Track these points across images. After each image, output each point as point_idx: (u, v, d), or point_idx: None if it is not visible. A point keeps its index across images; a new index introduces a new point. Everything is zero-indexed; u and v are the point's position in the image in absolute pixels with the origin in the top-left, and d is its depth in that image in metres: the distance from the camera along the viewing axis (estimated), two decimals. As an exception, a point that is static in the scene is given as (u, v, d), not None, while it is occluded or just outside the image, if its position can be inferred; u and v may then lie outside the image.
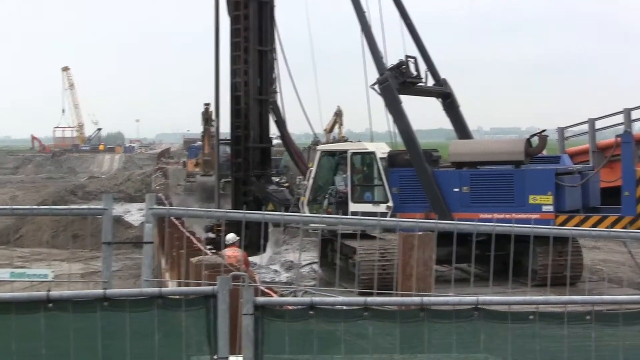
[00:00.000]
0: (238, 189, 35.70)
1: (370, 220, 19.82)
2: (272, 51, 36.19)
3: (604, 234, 21.87)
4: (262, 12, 35.71)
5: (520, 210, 28.40)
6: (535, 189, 28.90)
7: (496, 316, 6.43)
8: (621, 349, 6.44)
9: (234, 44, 35.40)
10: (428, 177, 29.88)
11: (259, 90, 35.62)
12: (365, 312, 6.52)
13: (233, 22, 35.38)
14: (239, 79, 35.31)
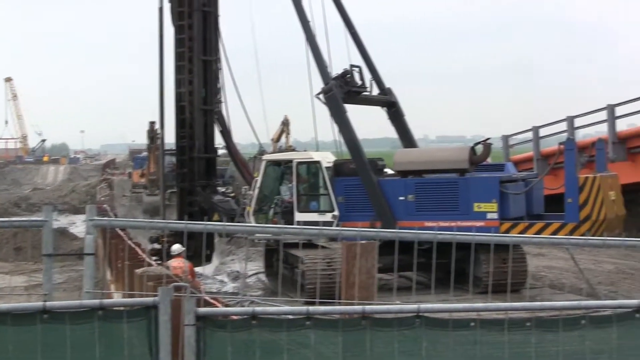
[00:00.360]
0: (183, 200, 35.51)
1: (312, 229, 19.88)
2: (216, 61, 36.07)
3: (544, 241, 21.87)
4: (207, 22, 35.58)
5: (465, 218, 28.53)
6: (479, 196, 29.02)
7: (438, 323, 6.45)
8: (561, 354, 6.47)
9: (178, 54, 35.26)
10: (373, 186, 29.94)
11: (204, 100, 35.39)
12: (307, 322, 6.51)
13: (177, 32, 35.22)
14: (184, 89, 35.13)
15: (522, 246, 27.76)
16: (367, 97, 33.42)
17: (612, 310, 6.57)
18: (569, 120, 46.91)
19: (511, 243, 12.17)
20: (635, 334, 6.48)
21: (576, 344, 6.49)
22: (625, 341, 6.52)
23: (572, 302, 6.74)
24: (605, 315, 6.55)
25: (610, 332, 6.50)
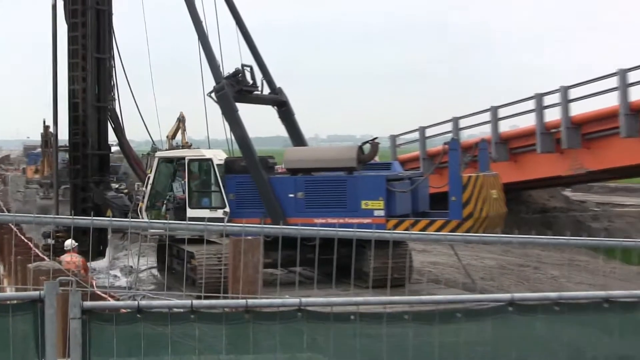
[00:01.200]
0: (76, 196, 35.20)
1: (198, 225, 19.99)
2: (110, 59, 35.80)
3: (422, 237, 22.09)
4: (100, 20, 35.35)
5: (353, 215, 28.66)
6: (367, 194, 29.21)
7: (319, 317, 6.49)
8: (437, 347, 6.56)
9: (72, 51, 34.91)
10: (264, 183, 29.96)
11: (97, 98, 35.13)
12: (192, 315, 6.52)
13: (71, 29, 34.89)
14: (77, 86, 34.81)
15: (407, 242, 27.97)
16: (258, 96, 33.46)
17: (487, 304, 6.66)
18: (454, 121, 47.46)
19: (391, 239, 12.25)
20: (509, 326, 6.61)
21: (452, 336, 6.58)
22: (499, 333, 6.63)
23: (449, 296, 6.82)
24: (481, 308, 6.65)
25: (484, 324, 6.61)
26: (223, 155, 31.87)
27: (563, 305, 6.66)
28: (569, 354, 6.72)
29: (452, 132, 46.46)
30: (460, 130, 47.68)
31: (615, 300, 6.72)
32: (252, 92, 32.92)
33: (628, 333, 6.84)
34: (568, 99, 40.44)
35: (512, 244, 10.23)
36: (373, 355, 6.58)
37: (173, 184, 32.21)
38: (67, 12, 35.01)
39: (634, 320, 6.76)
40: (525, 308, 6.64)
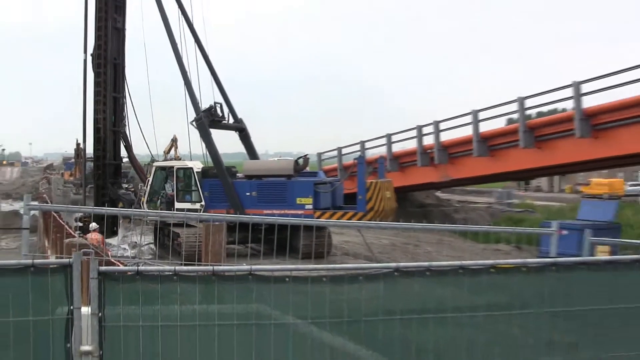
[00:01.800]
0: (98, 193, 35.47)
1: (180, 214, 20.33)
2: (123, 97, 36.00)
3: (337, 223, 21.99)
4: (117, 70, 35.65)
5: (291, 208, 28.91)
6: (300, 193, 29.54)
7: (264, 279, 6.47)
8: (345, 300, 6.55)
9: (96, 92, 35.17)
10: (229, 185, 30.27)
11: (113, 124, 35.55)
12: (175, 277, 6.46)
13: (96, 76, 35.17)
14: (99, 116, 35.21)
15: (327, 227, 28.06)
16: (226, 124, 33.73)
17: (381, 270, 6.66)
18: (361, 143, 47.71)
19: (314, 224, 12.30)
20: (395, 287, 6.62)
21: (356, 293, 6.57)
22: (388, 292, 6.64)
23: (354, 265, 6.83)
24: (376, 273, 6.65)
25: (378, 285, 6.60)
26: (200, 165, 32.20)
27: (432, 271, 6.68)
28: (435, 305, 6.75)
29: (360, 151, 46.66)
30: (365, 149, 47.92)
31: (466, 267, 6.75)
32: (221, 122, 33.29)
33: (475, 290, 6.88)
34: (439, 129, 40.83)
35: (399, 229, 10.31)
36: (301, 306, 6.57)
37: (165, 185, 32.30)
38: (94, 65, 35.17)
39: (479, 282, 6.81)
40: (407, 273, 6.64)
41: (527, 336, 7.07)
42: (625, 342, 7.40)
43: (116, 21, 35.57)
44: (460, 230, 13.01)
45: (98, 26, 35.35)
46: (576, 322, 7.25)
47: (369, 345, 6.70)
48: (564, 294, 7.11)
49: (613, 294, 7.25)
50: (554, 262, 7.09)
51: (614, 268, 7.28)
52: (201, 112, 31.70)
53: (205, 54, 34.08)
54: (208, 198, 30.58)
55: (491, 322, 6.93)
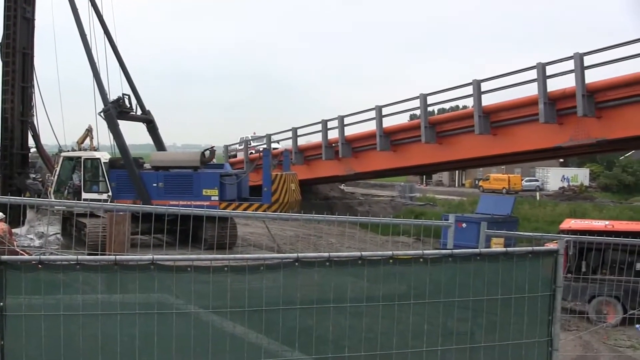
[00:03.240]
0: (5, 182, 34.75)
1: (83, 204, 20.05)
2: (31, 86, 35.23)
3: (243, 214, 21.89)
4: (25, 60, 34.89)
5: (197, 199, 28.81)
6: (207, 185, 29.50)
7: (166, 268, 6.41)
8: (247, 289, 6.55)
9: (4, 81, 34.36)
10: (136, 176, 29.99)
11: (21, 114, 34.72)
12: (77, 266, 6.35)
13: (4, 65, 34.55)
14: (7, 105, 34.48)
15: (234, 218, 28.04)
16: (133, 116, 33.41)
17: (281, 261, 6.65)
18: (267, 137, 47.73)
19: (218, 215, 12.24)
20: (295, 277, 6.62)
21: (258, 282, 6.57)
22: (289, 282, 6.64)
23: (256, 255, 6.81)
24: (277, 263, 6.65)
25: (279, 274, 6.61)
26: (108, 156, 31.80)
27: (332, 262, 6.70)
28: (334, 295, 6.77)
29: (266, 144, 46.65)
30: (272, 142, 47.95)
31: (365, 258, 6.80)
32: (129, 113, 32.91)
33: (374, 280, 6.94)
34: (344, 124, 41.06)
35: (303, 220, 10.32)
36: (203, 295, 6.54)
37: (73, 175, 31.75)
38: (3, 54, 34.49)
39: (377, 272, 6.87)
40: (307, 264, 6.66)
41: (424, 325, 7.17)
42: (518, 330, 7.57)
43: (25, 11, 34.83)
44: (362, 222, 13.18)
45: (7, 15, 34.62)
46: (471, 310, 7.39)
47: (269, 334, 6.71)
48: (460, 284, 7.23)
49: (506, 284, 7.40)
50: (450, 253, 7.20)
51: (508, 259, 7.43)
52: (109, 104, 31.30)
53: (115, 45, 33.65)
54: (115, 189, 30.24)
55: (389, 312, 6.99)
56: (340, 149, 41.02)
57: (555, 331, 7.71)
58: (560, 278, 7.70)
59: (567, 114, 29.71)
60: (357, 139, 41.35)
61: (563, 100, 29.65)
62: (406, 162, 39.08)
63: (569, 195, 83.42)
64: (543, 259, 7.63)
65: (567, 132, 30.26)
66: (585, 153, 54.22)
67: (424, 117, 35.68)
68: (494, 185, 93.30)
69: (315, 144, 44.65)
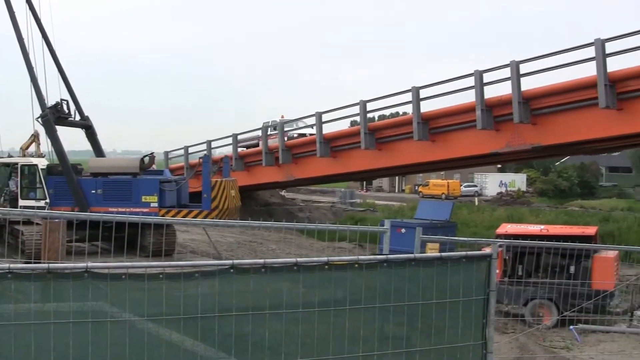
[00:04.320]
0: None
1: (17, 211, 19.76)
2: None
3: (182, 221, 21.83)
4: None
5: (136, 206, 28.57)
6: (146, 191, 29.21)
7: (100, 276, 6.34)
8: (182, 296, 6.51)
9: None
10: (74, 183, 29.56)
11: None
12: (9, 275, 6.24)
13: None
14: None
15: (173, 225, 27.84)
16: (72, 122, 32.91)
17: (217, 267, 6.63)
18: (208, 143, 47.48)
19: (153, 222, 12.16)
20: (231, 282, 6.61)
21: (193, 289, 6.53)
22: (224, 289, 6.63)
23: (191, 262, 6.78)
24: (212, 270, 6.63)
25: (214, 281, 6.59)
26: (45, 162, 31.35)
27: (268, 268, 6.70)
28: (271, 301, 6.78)
29: (206, 150, 46.48)
30: (212, 149, 47.78)
31: (301, 264, 6.81)
32: (67, 119, 32.40)
33: (310, 286, 6.96)
34: (284, 130, 41.09)
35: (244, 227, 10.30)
36: (139, 303, 6.48)
37: (9, 182, 31.15)
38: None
39: (312, 277, 6.90)
40: (243, 270, 6.65)
41: (360, 330, 7.20)
42: (453, 333, 7.65)
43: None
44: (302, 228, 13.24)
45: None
46: (406, 315, 7.44)
47: (205, 341, 6.68)
48: (396, 289, 7.28)
49: (441, 289, 7.48)
50: (386, 259, 7.25)
51: (442, 264, 7.51)
52: (47, 109, 30.86)
53: (52, 49, 33.14)
54: (53, 195, 29.75)
55: (326, 317, 7.00)
56: (281, 155, 41.02)
57: (489, 334, 7.80)
58: (494, 282, 7.80)
59: (504, 120, 30.08)
60: (297, 145, 41.42)
61: (500, 107, 30.00)
62: (346, 168, 39.21)
63: (507, 201, 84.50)
64: (477, 264, 7.73)
65: (504, 138, 30.65)
66: (521, 159, 54.95)
67: (364, 124, 35.84)
68: (434, 190, 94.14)
69: (256, 150, 44.61)
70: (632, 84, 25.76)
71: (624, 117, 26.38)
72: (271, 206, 52.46)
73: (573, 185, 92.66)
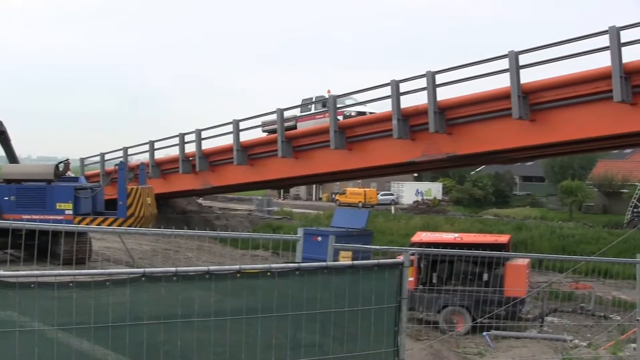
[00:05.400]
0: None
1: None
2: None
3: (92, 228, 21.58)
4: None
5: (51, 213, 28.06)
6: (60, 198, 28.68)
7: (9, 285, 6.24)
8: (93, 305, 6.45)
9: None
10: (-15, 190, 28.90)
11: None
12: None
13: None
14: None
15: (87, 233, 27.44)
16: (-16, 127, 32.15)
17: (128, 276, 6.60)
18: (124, 150, 46.97)
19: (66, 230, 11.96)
20: (142, 291, 6.59)
21: (104, 298, 6.49)
22: (136, 297, 6.60)
23: (101, 270, 6.70)
24: (123, 278, 6.59)
25: (125, 289, 6.55)
26: (-44, 169, 30.59)
27: (179, 276, 6.68)
28: (182, 310, 6.77)
29: (123, 157, 45.96)
30: (129, 156, 47.27)
31: (213, 272, 6.81)
32: (-23, 124, 31.66)
33: (222, 293, 6.98)
34: (201, 137, 40.88)
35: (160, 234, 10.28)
36: (48, 311, 6.40)
37: None
38: None
39: (224, 285, 6.92)
40: (154, 279, 6.62)
41: (272, 338, 7.23)
42: (365, 341, 7.73)
43: None
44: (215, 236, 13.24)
45: None
46: (319, 323, 7.50)
47: (117, 350, 6.63)
48: (308, 297, 7.33)
49: (353, 297, 7.55)
50: (298, 267, 7.30)
51: (354, 272, 7.59)
52: (-44, 114, 30.21)
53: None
54: None
55: (238, 325, 7.02)
56: (198, 162, 40.80)
57: (401, 341, 7.91)
58: (406, 290, 7.91)
59: (420, 130, 30.42)
60: (214, 153, 41.24)
61: (416, 117, 30.32)
62: (263, 176, 39.21)
63: (423, 209, 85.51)
64: (389, 272, 7.83)
65: (420, 147, 31.01)
66: (437, 168, 55.72)
67: (281, 132, 35.89)
68: (351, 199, 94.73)
69: (173, 158, 44.27)
70: (545, 95, 26.28)
71: (536, 128, 26.92)
72: (188, 214, 52.12)
73: (488, 194, 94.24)
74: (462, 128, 29.47)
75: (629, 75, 23.49)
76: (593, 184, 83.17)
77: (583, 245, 42.31)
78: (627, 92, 23.57)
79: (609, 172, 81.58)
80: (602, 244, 36.35)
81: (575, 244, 43.51)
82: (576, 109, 25.89)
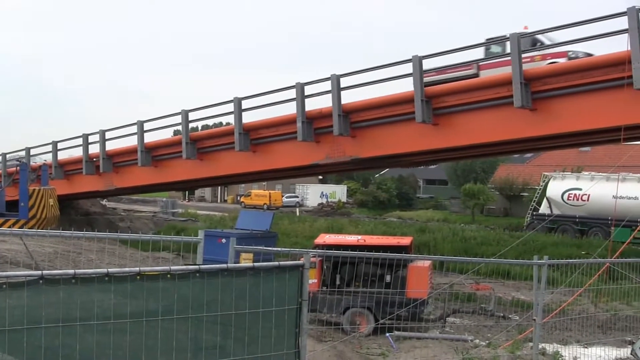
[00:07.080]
0: None
1: None
2: None
3: None
4: None
5: None
6: None
7: None
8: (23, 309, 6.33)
9: None
10: None
11: None
12: None
13: None
14: None
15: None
16: None
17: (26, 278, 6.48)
18: (27, 150, 45.93)
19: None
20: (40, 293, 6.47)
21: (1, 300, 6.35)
22: (33, 300, 6.48)
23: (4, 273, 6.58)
24: (21, 281, 6.47)
25: (23, 292, 6.44)
26: None
27: (78, 279, 6.60)
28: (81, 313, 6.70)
29: (25, 157, 44.91)
30: (31, 156, 46.21)
31: (112, 274, 6.75)
32: None
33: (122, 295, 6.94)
34: (105, 138, 40.21)
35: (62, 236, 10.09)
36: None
37: None
38: None
39: (124, 287, 6.88)
40: (52, 281, 6.51)
41: (173, 341, 7.19)
42: (266, 343, 7.76)
43: None
44: (116, 237, 13.16)
45: None
46: (221, 325, 7.50)
47: (14, 355, 6.50)
48: (209, 299, 7.32)
49: (254, 298, 7.57)
50: (198, 269, 7.28)
51: (255, 274, 7.61)
52: None
53: None
54: None
55: (138, 328, 6.96)
56: (101, 163, 40.13)
57: (302, 343, 7.96)
58: (307, 291, 7.97)
59: (324, 132, 30.54)
60: (118, 154, 40.63)
61: (320, 120, 30.44)
62: (168, 177, 38.83)
63: (327, 211, 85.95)
64: (290, 274, 7.87)
65: (324, 150, 31.14)
66: (341, 170, 56.16)
67: (185, 133, 35.61)
68: (256, 201, 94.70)
69: (76, 159, 43.42)
70: (448, 100, 26.64)
71: (439, 132, 27.29)
72: (92, 215, 51.30)
73: (392, 196, 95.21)
74: (366, 131, 29.71)
75: (528, 81, 24.01)
76: (495, 188, 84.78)
77: (484, 247, 42.94)
78: (527, 98, 24.08)
79: (510, 176, 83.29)
80: (503, 245, 36.94)
81: (477, 246, 44.14)
82: (478, 113, 26.30)
